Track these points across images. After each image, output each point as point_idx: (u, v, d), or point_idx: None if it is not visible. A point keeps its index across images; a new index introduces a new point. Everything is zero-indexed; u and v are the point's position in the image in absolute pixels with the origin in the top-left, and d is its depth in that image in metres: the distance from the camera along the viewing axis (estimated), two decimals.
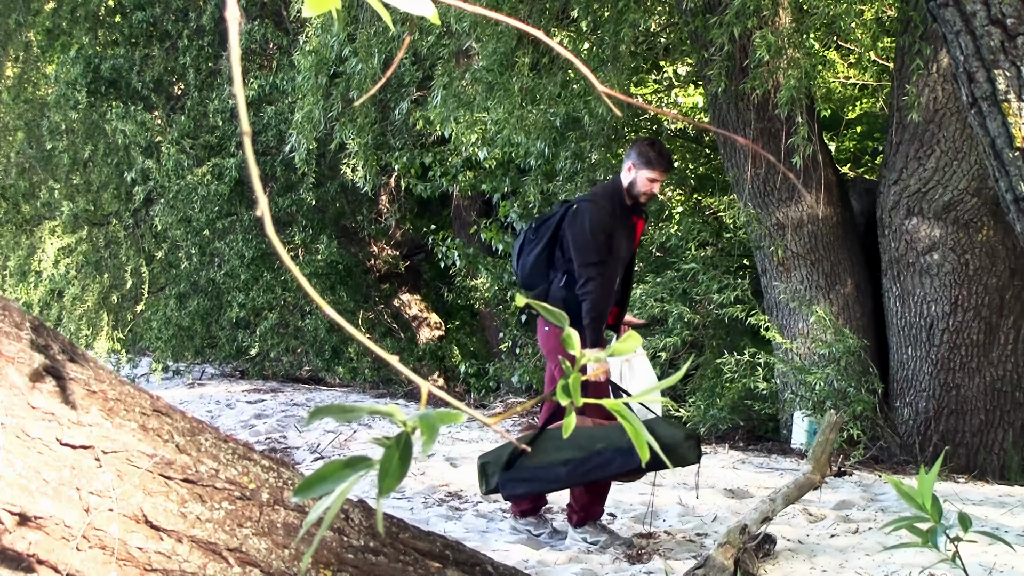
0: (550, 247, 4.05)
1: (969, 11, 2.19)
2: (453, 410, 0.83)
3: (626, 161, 4.05)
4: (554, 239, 4.04)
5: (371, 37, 6.25)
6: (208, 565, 1.81)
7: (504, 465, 3.80)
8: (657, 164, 3.99)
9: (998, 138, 2.23)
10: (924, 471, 1.70)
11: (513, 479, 3.79)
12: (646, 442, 0.92)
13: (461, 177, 8.29)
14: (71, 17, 10.06)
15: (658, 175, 4.00)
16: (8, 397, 1.68)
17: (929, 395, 5.88)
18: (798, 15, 5.73)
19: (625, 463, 3.64)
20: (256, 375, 11.13)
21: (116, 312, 11.17)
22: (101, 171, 10.60)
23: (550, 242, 4.04)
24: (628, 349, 0.89)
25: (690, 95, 8.70)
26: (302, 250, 10.19)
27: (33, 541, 1.67)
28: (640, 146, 4.03)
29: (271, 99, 9.21)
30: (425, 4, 0.81)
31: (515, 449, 3.82)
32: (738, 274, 6.77)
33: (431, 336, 10.71)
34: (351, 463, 0.79)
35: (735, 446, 6.35)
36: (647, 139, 4.16)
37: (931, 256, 5.83)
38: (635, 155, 4.00)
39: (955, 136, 5.65)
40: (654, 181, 4.00)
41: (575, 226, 3.93)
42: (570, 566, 3.60)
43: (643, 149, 4.00)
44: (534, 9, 6.05)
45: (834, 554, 3.65)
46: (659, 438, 3.67)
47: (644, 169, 3.98)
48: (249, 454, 1.97)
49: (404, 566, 2.04)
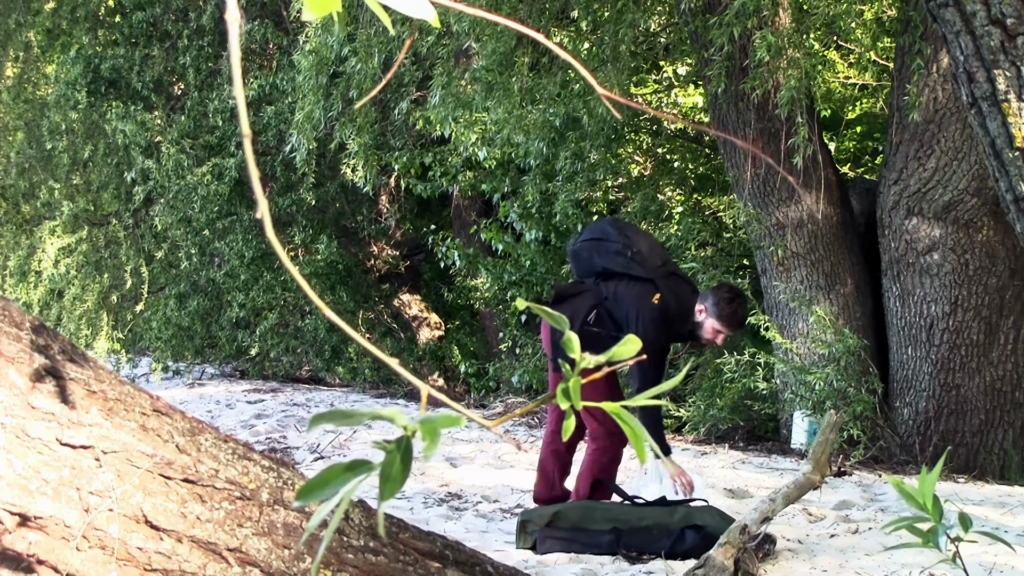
0: (612, 274, 4.02)
1: (969, 11, 2.19)
2: (454, 413, 0.83)
3: (701, 301, 3.95)
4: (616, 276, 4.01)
5: (371, 37, 6.25)
6: (208, 565, 1.81)
7: (546, 524, 3.79)
8: (728, 324, 3.93)
9: (998, 138, 2.23)
10: (925, 471, 1.70)
11: (551, 536, 3.77)
12: (646, 446, 0.92)
13: (461, 177, 8.29)
14: (71, 17, 10.06)
15: (727, 332, 3.96)
16: (8, 397, 1.68)
17: (929, 395, 5.88)
18: (798, 15, 5.73)
19: (672, 546, 3.64)
20: (256, 375, 11.13)
21: (116, 312, 11.17)
22: (101, 171, 10.59)
23: (616, 273, 4.01)
24: (628, 353, 0.89)
25: (690, 95, 8.70)
26: (302, 250, 10.19)
27: (33, 541, 1.67)
28: (719, 299, 3.91)
29: (271, 99, 9.20)
30: (425, 7, 0.81)
31: (557, 511, 3.82)
32: (738, 274, 6.77)
33: (431, 336, 10.71)
34: (352, 467, 0.79)
35: (735, 446, 6.35)
36: (729, 291, 3.99)
37: (931, 256, 5.83)
38: (711, 304, 3.91)
39: (955, 136, 5.65)
40: (720, 333, 3.95)
41: (638, 323, 3.88)
42: (570, 566, 3.60)
43: (723, 305, 3.90)
44: (534, 9, 6.04)
45: (834, 554, 3.64)
46: (705, 527, 3.68)
47: (715, 321, 3.91)
48: (249, 454, 1.97)
49: (404, 566, 2.04)
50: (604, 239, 4.11)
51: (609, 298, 4.00)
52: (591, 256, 4.10)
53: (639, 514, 3.79)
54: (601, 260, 4.07)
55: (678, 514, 3.74)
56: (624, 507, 3.86)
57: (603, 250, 4.08)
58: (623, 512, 3.81)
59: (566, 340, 0.92)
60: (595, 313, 4.00)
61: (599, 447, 4.09)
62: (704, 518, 3.72)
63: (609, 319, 3.98)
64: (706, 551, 3.19)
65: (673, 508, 3.80)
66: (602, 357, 0.89)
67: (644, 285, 3.96)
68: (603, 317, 3.99)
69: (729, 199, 6.79)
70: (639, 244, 4.10)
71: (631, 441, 0.92)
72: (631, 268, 4.00)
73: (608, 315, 3.99)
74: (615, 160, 7.72)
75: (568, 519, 3.79)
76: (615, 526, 3.74)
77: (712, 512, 3.77)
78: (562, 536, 3.78)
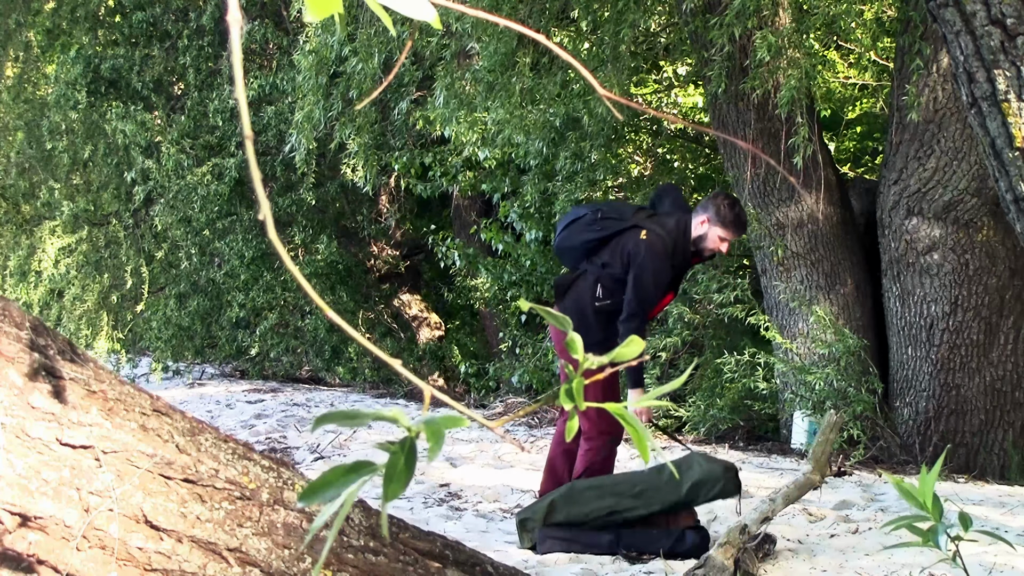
0: (598, 243, 4.01)
1: (969, 11, 2.19)
2: (456, 414, 0.83)
3: (701, 212, 3.96)
4: (606, 240, 4.00)
5: (371, 37, 6.25)
6: (208, 565, 1.81)
7: (543, 519, 3.79)
8: (733, 227, 3.94)
9: (998, 138, 2.23)
10: (925, 471, 1.70)
11: (552, 536, 3.78)
12: (648, 447, 0.92)
13: (461, 177, 8.29)
14: (71, 17, 10.06)
15: (731, 236, 3.96)
16: (8, 397, 1.68)
17: (929, 395, 5.88)
18: (798, 15, 5.73)
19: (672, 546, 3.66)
20: (256, 375, 11.13)
21: (116, 312, 11.17)
22: (101, 171, 10.59)
23: (602, 241, 4.00)
24: (630, 354, 0.89)
25: (690, 95, 8.70)
26: (302, 250, 10.19)
27: (33, 541, 1.67)
28: (719, 204, 3.93)
29: (271, 99, 9.20)
30: (426, 8, 0.81)
31: (552, 502, 3.82)
32: (738, 274, 6.77)
33: (431, 336, 10.71)
34: (355, 468, 0.79)
35: (735, 446, 6.35)
36: (727, 197, 4.03)
37: (931, 256, 5.83)
38: (712, 211, 3.92)
39: (955, 136, 5.65)
40: (725, 241, 3.95)
41: (638, 264, 3.88)
42: (570, 566, 3.60)
43: (723, 210, 3.91)
44: (534, 9, 6.04)
45: (834, 554, 3.65)
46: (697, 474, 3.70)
47: (718, 227, 3.92)
48: (249, 454, 1.97)
49: (404, 566, 2.04)
50: (574, 220, 4.14)
51: (607, 264, 4.00)
52: (572, 241, 4.11)
53: (631, 480, 3.79)
54: (581, 237, 4.08)
55: (666, 472, 3.74)
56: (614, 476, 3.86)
57: (578, 229, 4.10)
58: (614, 483, 3.80)
59: (569, 341, 0.92)
60: (600, 286, 4.00)
61: (592, 447, 4.11)
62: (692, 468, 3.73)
63: (616, 285, 3.98)
64: (706, 551, 3.19)
65: (660, 466, 3.79)
66: (605, 358, 0.89)
67: (628, 233, 3.97)
68: (609, 287, 3.99)
69: None
70: (605, 206, 4.18)
71: (633, 440, 0.92)
72: (609, 227, 4.01)
73: (613, 281, 3.99)
74: (615, 160, 7.72)
75: (562, 507, 3.79)
76: (611, 504, 3.74)
77: (698, 459, 3.79)
78: (562, 536, 3.78)
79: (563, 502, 3.82)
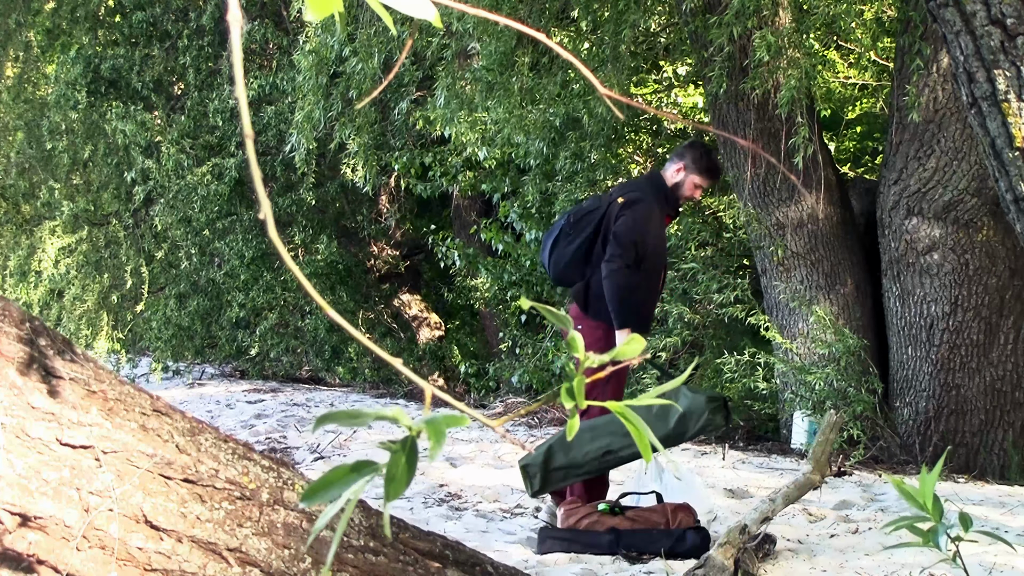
0: (590, 242, 3.97)
1: (969, 11, 2.19)
2: (458, 413, 0.83)
3: (676, 161, 4.01)
4: (596, 234, 3.96)
5: (371, 37, 6.25)
6: (208, 565, 1.81)
7: (543, 463, 3.81)
8: (709, 173, 4.00)
9: (998, 138, 2.23)
10: (925, 471, 1.70)
11: (551, 536, 3.79)
12: (648, 443, 0.91)
13: (461, 177, 8.29)
14: (71, 17, 10.06)
15: (706, 183, 4.01)
16: (8, 397, 1.68)
17: (929, 395, 5.88)
18: (798, 15, 5.73)
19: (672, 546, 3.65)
20: (256, 375, 11.13)
21: (116, 312, 11.17)
22: (101, 171, 10.59)
23: (591, 237, 3.96)
24: (632, 352, 0.89)
25: (690, 95, 8.70)
26: (302, 250, 10.19)
27: (33, 541, 1.67)
28: (694, 152, 3.99)
29: (271, 99, 9.21)
30: (426, 7, 0.81)
31: (550, 447, 3.85)
32: (738, 274, 6.77)
33: (431, 336, 10.71)
34: (357, 468, 0.78)
35: (735, 446, 6.35)
36: (700, 145, 4.12)
37: (931, 256, 5.83)
38: (688, 159, 3.97)
39: (955, 136, 5.65)
40: (699, 188, 4.00)
41: (624, 223, 3.86)
42: (570, 566, 3.60)
43: (698, 156, 3.97)
44: (534, 9, 6.04)
45: (834, 554, 3.64)
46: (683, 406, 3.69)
47: (695, 175, 3.97)
48: (249, 454, 1.97)
49: (404, 566, 2.04)
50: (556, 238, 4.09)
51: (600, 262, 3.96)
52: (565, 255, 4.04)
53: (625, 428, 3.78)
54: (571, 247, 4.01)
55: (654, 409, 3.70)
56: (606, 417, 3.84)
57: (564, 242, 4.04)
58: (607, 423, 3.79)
59: (570, 340, 0.92)
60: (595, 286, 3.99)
61: None
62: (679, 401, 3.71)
63: None
64: (706, 551, 3.19)
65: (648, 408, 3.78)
66: (606, 356, 0.89)
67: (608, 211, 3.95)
68: None
69: (729, 199, 6.79)
70: (572, 208, 4.21)
71: (634, 439, 0.92)
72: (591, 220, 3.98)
73: None
74: (615, 160, 7.72)
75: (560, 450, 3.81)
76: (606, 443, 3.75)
77: (684, 392, 3.79)
78: (562, 536, 3.79)
79: (560, 446, 3.85)
